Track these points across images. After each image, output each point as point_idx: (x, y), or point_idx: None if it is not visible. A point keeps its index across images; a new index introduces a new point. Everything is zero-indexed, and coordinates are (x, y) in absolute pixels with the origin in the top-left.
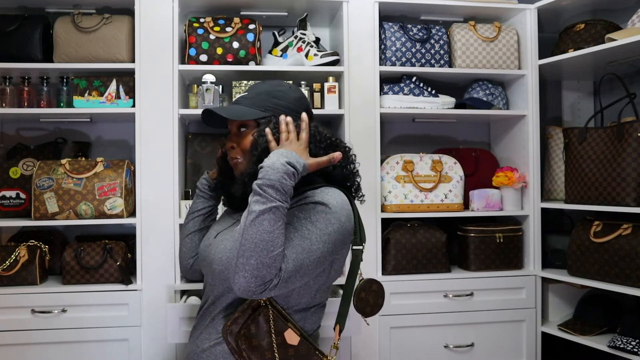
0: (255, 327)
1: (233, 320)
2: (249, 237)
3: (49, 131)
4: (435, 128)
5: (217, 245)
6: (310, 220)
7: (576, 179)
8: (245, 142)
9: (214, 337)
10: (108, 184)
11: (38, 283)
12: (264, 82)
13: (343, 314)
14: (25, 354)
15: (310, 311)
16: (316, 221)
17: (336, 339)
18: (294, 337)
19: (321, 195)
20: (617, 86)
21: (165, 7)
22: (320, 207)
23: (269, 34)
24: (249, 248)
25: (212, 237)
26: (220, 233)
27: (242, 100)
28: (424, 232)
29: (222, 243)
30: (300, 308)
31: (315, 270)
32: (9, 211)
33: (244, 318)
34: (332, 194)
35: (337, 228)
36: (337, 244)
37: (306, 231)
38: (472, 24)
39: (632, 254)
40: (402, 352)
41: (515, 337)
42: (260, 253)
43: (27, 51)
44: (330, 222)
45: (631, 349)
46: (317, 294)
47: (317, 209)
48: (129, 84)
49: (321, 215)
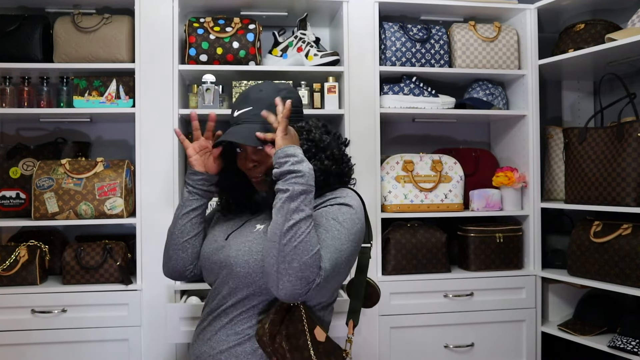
0: (293, 327)
1: (270, 322)
2: (287, 241)
3: (49, 131)
4: (435, 128)
5: (237, 248)
6: (338, 221)
7: (576, 179)
8: (268, 158)
9: (234, 339)
10: (108, 184)
11: (38, 283)
12: (263, 90)
13: (356, 310)
14: (25, 354)
15: (328, 309)
16: (344, 222)
17: (350, 332)
18: (322, 334)
19: (343, 197)
20: (617, 86)
21: (165, 7)
22: (345, 208)
23: (269, 34)
24: (289, 252)
25: (220, 239)
26: (232, 234)
27: (251, 117)
28: (424, 232)
29: (243, 245)
30: (321, 306)
31: (347, 268)
32: (9, 211)
33: (280, 318)
34: (352, 196)
35: (360, 228)
36: (360, 242)
37: (336, 232)
38: (472, 24)
39: (632, 254)
40: (402, 352)
41: (515, 337)
42: (301, 255)
43: (27, 51)
44: (355, 222)
45: (631, 349)
46: (334, 292)
47: (343, 210)
48: (129, 84)
49: (347, 215)
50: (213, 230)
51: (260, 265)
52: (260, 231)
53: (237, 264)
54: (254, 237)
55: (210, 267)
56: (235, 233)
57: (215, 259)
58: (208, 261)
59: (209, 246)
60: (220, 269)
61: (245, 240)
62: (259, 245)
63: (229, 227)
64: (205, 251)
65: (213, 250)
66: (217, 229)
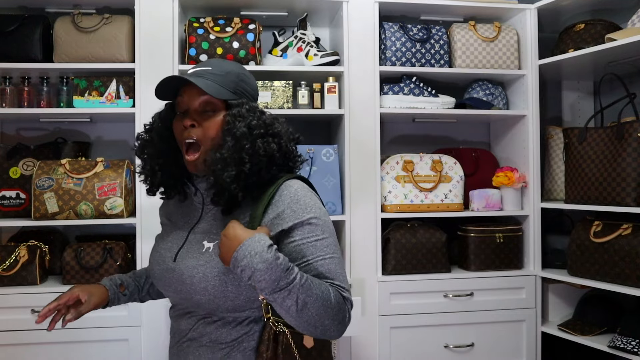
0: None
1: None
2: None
3: (49, 131)
4: (435, 128)
5: (190, 274)
6: (319, 238)
7: (576, 179)
8: (212, 124)
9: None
10: (108, 184)
11: (38, 283)
12: (226, 61)
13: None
14: (25, 354)
15: None
16: (323, 237)
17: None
18: (310, 340)
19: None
20: (617, 86)
21: (165, 7)
22: (313, 221)
23: (269, 34)
24: (317, 320)
25: (168, 259)
26: (180, 255)
27: (209, 75)
28: (424, 232)
29: (196, 271)
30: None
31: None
32: (9, 211)
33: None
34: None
35: (330, 222)
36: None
37: (329, 250)
38: (472, 24)
39: (632, 254)
40: (402, 352)
41: (515, 337)
42: (326, 311)
43: (27, 51)
44: (328, 228)
45: (631, 349)
46: None
47: (313, 225)
48: (129, 84)
49: (319, 228)
50: (159, 243)
51: (220, 289)
52: (210, 252)
53: (195, 292)
54: (206, 260)
55: (164, 288)
56: (183, 253)
57: (167, 282)
58: (160, 282)
59: (157, 267)
60: (176, 293)
61: (197, 264)
62: (214, 269)
63: (173, 240)
64: (155, 272)
65: (162, 272)
66: (162, 239)
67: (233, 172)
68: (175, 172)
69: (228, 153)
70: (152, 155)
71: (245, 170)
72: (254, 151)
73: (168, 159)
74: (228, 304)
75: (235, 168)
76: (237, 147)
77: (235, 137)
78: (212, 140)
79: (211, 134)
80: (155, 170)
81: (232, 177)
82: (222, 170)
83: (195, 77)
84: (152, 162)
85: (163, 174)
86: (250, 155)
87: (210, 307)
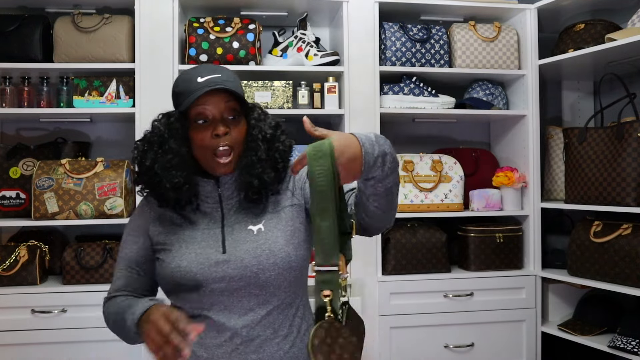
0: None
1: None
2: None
3: (49, 131)
4: (435, 128)
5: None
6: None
7: (576, 179)
8: (240, 129)
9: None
10: (108, 184)
11: (38, 283)
12: (222, 66)
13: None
14: (25, 354)
15: None
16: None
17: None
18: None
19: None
20: (617, 86)
21: (165, 7)
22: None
23: (269, 34)
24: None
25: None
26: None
27: (227, 83)
28: (424, 232)
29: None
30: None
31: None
32: (9, 211)
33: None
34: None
35: None
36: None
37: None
38: (472, 24)
39: (632, 254)
40: (402, 352)
41: (515, 337)
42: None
43: (27, 51)
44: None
45: (631, 349)
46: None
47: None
48: (129, 84)
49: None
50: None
51: (287, 261)
52: (263, 232)
53: (263, 270)
54: (265, 239)
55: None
56: (230, 242)
57: (218, 275)
58: (206, 281)
59: (199, 266)
60: (233, 282)
61: (257, 245)
62: (277, 243)
63: (202, 239)
64: (196, 273)
65: (209, 268)
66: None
67: (272, 173)
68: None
69: (265, 155)
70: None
71: (279, 169)
72: (281, 150)
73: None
74: (292, 275)
75: (271, 169)
76: (270, 148)
77: (267, 139)
78: (240, 143)
79: (240, 137)
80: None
81: (271, 177)
82: (262, 173)
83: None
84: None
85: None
86: (280, 154)
87: (278, 281)
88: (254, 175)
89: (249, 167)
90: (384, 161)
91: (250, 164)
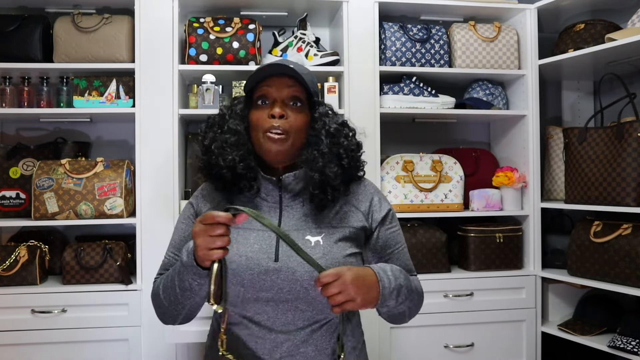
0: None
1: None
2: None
3: (49, 131)
4: (435, 128)
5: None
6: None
7: (576, 179)
8: (299, 117)
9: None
10: (108, 184)
11: (38, 283)
12: (301, 64)
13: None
14: (25, 354)
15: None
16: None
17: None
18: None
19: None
20: (617, 86)
21: (165, 7)
22: (391, 207)
23: (269, 34)
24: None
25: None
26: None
27: (297, 68)
28: (424, 232)
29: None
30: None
31: None
32: (9, 211)
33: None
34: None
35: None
36: None
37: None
38: (472, 24)
39: (632, 254)
40: (402, 352)
41: (515, 337)
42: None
43: (27, 51)
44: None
45: (631, 349)
46: None
47: (394, 213)
48: (129, 84)
49: (395, 214)
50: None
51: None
52: (322, 245)
53: (313, 287)
54: (323, 253)
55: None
56: (285, 250)
57: (268, 284)
58: (254, 288)
59: (248, 271)
60: (282, 293)
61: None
62: (334, 260)
63: (256, 241)
64: (244, 278)
65: (259, 275)
66: (235, 245)
67: (335, 168)
68: (251, 164)
69: (327, 149)
70: (230, 145)
71: (345, 165)
72: (346, 145)
73: (246, 150)
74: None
75: (335, 164)
76: (334, 142)
77: (330, 133)
78: (297, 132)
79: (298, 125)
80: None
81: (334, 172)
82: (324, 167)
83: (284, 68)
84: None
85: (243, 166)
86: (345, 150)
87: (325, 301)
88: (316, 169)
89: (311, 161)
90: (399, 293)
91: (311, 157)
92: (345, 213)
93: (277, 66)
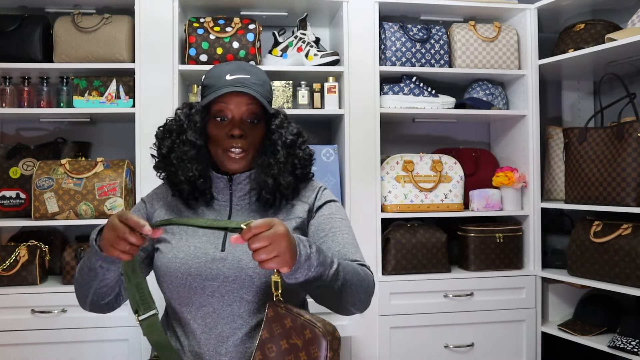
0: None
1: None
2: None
3: (49, 131)
4: (435, 128)
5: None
6: (344, 218)
7: (576, 179)
8: (257, 133)
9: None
10: (108, 184)
11: (38, 283)
12: (255, 66)
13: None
14: (25, 354)
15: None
16: (345, 217)
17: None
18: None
19: (323, 191)
20: (617, 86)
21: (165, 7)
22: (337, 203)
23: (269, 34)
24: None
25: (213, 251)
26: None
27: (252, 85)
28: (424, 232)
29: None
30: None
31: None
32: (9, 211)
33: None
34: (326, 188)
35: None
36: None
37: (349, 229)
38: (472, 24)
39: (632, 254)
40: (402, 352)
41: (515, 337)
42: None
43: (27, 51)
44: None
45: (631, 349)
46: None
47: (338, 206)
48: (129, 84)
49: (342, 210)
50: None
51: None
52: None
53: (259, 275)
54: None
55: (205, 281)
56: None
57: (214, 272)
58: (200, 276)
59: (196, 260)
60: (227, 282)
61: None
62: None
63: (204, 234)
64: (191, 267)
65: (206, 264)
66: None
67: (289, 177)
68: (206, 173)
69: (283, 158)
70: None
71: (298, 176)
72: (301, 157)
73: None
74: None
75: (289, 173)
76: (289, 153)
77: (287, 144)
78: (256, 146)
79: (257, 140)
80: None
81: (287, 182)
82: (279, 175)
83: (241, 87)
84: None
85: (202, 180)
86: (299, 160)
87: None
88: (270, 175)
89: (266, 167)
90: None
91: (267, 164)
92: (293, 206)
93: (235, 86)
